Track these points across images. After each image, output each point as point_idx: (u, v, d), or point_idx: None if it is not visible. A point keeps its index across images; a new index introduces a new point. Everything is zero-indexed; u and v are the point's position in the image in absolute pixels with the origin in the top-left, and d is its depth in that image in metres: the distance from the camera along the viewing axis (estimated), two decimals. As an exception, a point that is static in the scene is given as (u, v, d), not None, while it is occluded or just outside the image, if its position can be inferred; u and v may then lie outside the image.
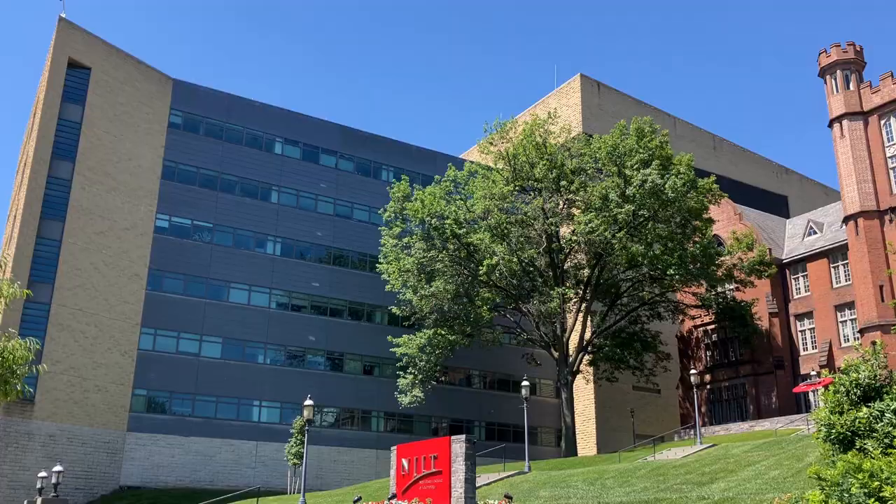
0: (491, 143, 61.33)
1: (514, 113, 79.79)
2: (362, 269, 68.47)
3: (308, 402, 35.54)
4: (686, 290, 60.96)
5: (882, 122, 56.69)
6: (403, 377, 59.49)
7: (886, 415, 14.03)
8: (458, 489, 27.20)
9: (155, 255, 60.31)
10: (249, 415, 61.04)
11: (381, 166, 72.76)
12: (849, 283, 58.08)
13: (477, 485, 30.57)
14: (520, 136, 59.83)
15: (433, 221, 58.77)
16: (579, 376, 63.20)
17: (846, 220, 56.70)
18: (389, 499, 29.61)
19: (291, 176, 67.90)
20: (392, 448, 32.06)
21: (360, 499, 32.88)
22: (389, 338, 61.11)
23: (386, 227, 61.80)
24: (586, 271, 59.62)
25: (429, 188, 60.23)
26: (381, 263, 61.29)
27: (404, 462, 30.17)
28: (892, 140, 56.09)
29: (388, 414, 65.82)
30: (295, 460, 51.41)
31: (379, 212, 63.97)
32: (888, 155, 55.99)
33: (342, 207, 69.84)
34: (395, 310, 62.67)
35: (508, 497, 28.15)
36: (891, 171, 55.67)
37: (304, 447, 38.93)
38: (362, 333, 66.85)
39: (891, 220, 54.67)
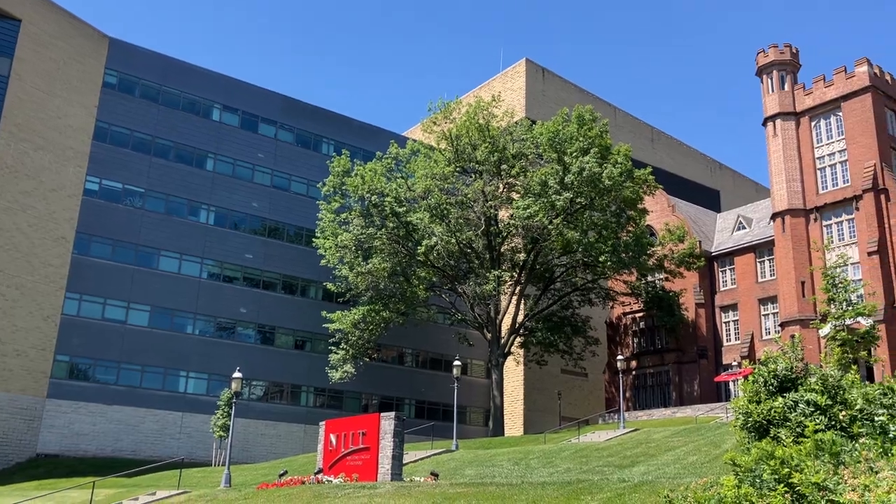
0: (434, 123, 61.21)
1: (459, 94, 79.51)
2: (298, 242, 67.71)
3: (237, 374, 35.12)
4: (617, 277, 62.21)
5: (813, 123, 58.54)
6: (335, 353, 59.26)
7: (800, 405, 14.62)
8: (384, 465, 27.36)
9: (83, 218, 58.45)
10: (176, 385, 60.01)
11: (322, 139, 71.88)
12: (773, 278, 60.07)
13: (404, 462, 30.76)
14: (463, 118, 59.85)
15: (373, 198, 58.46)
16: (510, 358, 64.02)
17: (774, 216, 58.52)
18: (316, 473, 29.60)
19: (229, 144, 66.53)
20: (321, 423, 32.00)
21: (285, 472, 32.77)
22: (323, 313, 60.72)
23: (324, 202, 61.18)
24: (522, 255, 60.25)
25: (370, 164, 59.81)
26: (317, 238, 60.71)
27: (332, 437, 30.18)
28: (822, 141, 58.00)
29: (318, 389, 65.55)
30: (221, 433, 50.83)
31: (318, 185, 63.26)
32: (817, 156, 57.91)
33: (280, 179, 68.82)
34: (329, 285, 62.25)
35: (434, 474, 28.42)
36: (818, 172, 57.60)
37: (230, 420, 38.51)
38: (295, 308, 66.25)
39: (816, 219, 56.65)
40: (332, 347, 59.97)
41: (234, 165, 66.60)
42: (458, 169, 60.10)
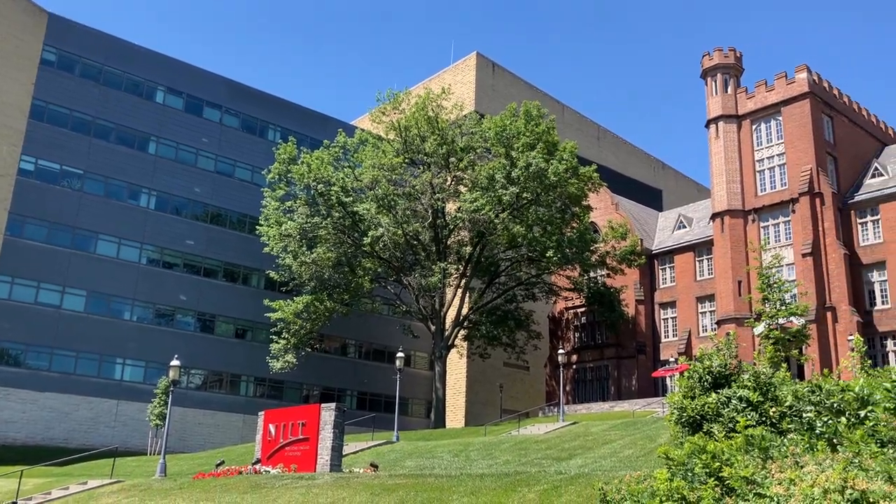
0: (383, 113, 60.89)
1: (409, 85, 79.50)
2: (241, 230, 66.72)
3: (175, 362, 34.46)
4: (561, 273, 62.92)
5: (754, 126, 60.00)
6: (276, 342, 58.61)
7: (732, 401, 15.00)
8: (324, 456, 27.21)
9: (17, 198, 56.58)
10: (112, 372, 58.65)
11: (269, 125, 70.90)
12: (711, 276, 61.47)
13: (344, 453, 30.65)
14: (412, 109, 59.68)
15: (319, 187, 57.87)
16: (453, 350, 64.27)
17: (714, 217, 59.84)
18: (254, 464, 29.29)
19: (172, 127, 65.12)
20: (260, 413, 31.67)
21: (222, 462, 32.35)
22: (266, 302, 59.97)
23: (269, 189, 60.34)
24: (468, 248, 60.45)
25: (317, 152, 59.19)
26: (261, 226, 59.84)
27: (271, 427, 29.90)
28: (762, 145, 59.50)
29: (258, 379, 64.81)
30: (157, 421, 49.93)
31: (263, 172, 62.36)
32: (756, 158, 59.39)
33: (224, 164, 67.67)
34: (272, 274, 61.49)
35: (374, 466, 28.38)
36: (757, 174, 59.09)
37: (167, 408, 37.81)
38: (237, 296, 65.33)
39: (754, 221, 58.13)
40: (274, 337, 59.32)
41: (178, 149, 65.26)
42: (406, 160, 59.92)
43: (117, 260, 60.40)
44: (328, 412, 27.81)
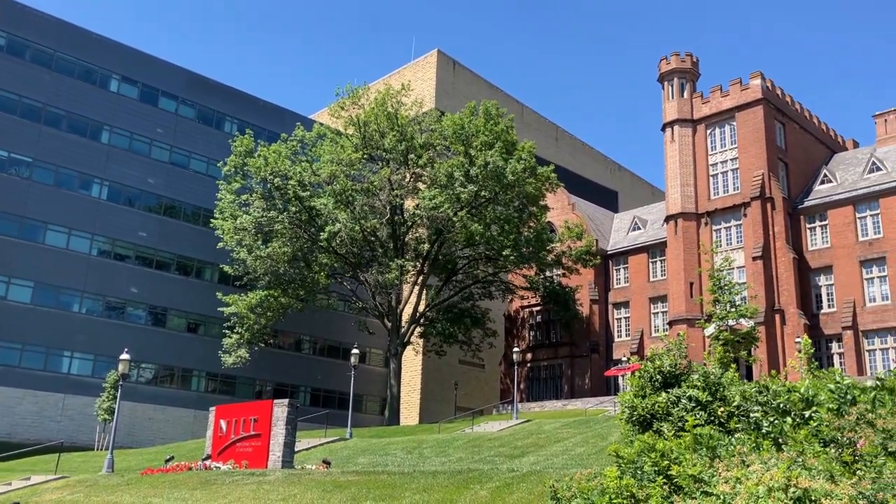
0: (342, 108, 60.51)
1: (369, 80, 78.97)
2: (195, 222, 65.74)
3: (125, 356, 33.82)
4: (517, 271, 63.26)
5: (708, 131, 61.01)
6: (229, 337, 57.86)
7: (682, 400, 15.21)
8: (276, 452, 26.99)
9: (-38, 185, 55.01)
10: (59, 365, 57.35)
11: (225, 117, 69.96)
12: (664, 278, 62.37)
13: (297, 449, 30.44)
14: (372, 105, 59.43)
15: (276, 181, 57.27)
16: (409, 347, 64.20)
17: (668, 219, 60.71)
18: (204, 459, 28.94)
19: (126, 117, 63.86)
20: (211, 408, 31.31)
21: (172, 458, 31.91)
22: (219, 295, 59.17)
23: (224, 182, 59.53)
24: (426, 246, 60.42)
25: (274, 146, 58.57)
26: (216, 219, 58.99)
27: (223, 423, 29.58)
28: (716, 149, 60.53)
29: (210, 374, 63.97)
30: (106, 416, 48.98)
31: (218, 164, 61.47)
32: (710, 163, 60.40)
33: (179, 156, 66.59)
34: (226, 268, 60.65)
35: (327, 462, 28.22)
36: (711, 178, 60.10)
37: (116, 402, 37.12)
38: (190, 289, 64.37)
39: (706, 223, 59.13)
40: (227, 331, 58.56)
41: (132, 139, 64.03)
42: (364, 156, 59.66)
43: (67, 251, 59.06)
44: (281, 408, 27.59)
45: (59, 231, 58.93)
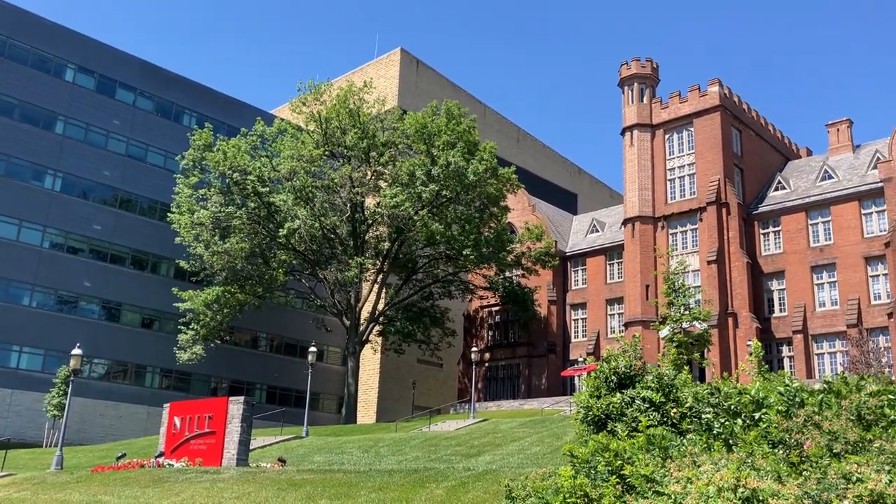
0: (304, 104, 60.11)
1: (331, 76, 78.59)
2: (151, 216, 64.70)
3: (76, 350, 33.19)
4: (477, 271, 63.49)
5: (666, 136, 61.90)
6: (185, 333, 57.08)
7: (636, 401, 15.43)
8: (230, 450, 26.73)
9: None
10: (7, 360, 55.95)
11: (184, 110, 68.94)
12: (621, 280, 63.12)
13: (252, 447, 30.19)
14: (334, 101, 59.13)
15: (234, 175, 56.64)
16: (367, 346, 64.01)
17: (625, 222, 61.47)
18: (157, 457, 28.53)
19: (82, 107, 62.55)
20: (165, 405, 30.88)
21: (123, 455, 31.43)
22: (175, 291, 58.32)
23: (182, 176, 58.70)
24: (386, 244, 60.30)
25: (233, 140, 57.91)
26: (173, 213, 58.13)
27: (177, 420, 29.20)
28: (673, 154, 61.45)
29: (164, 370, 63.01)
30: (55, 412, 48.01)
31: (176, 158, 60.59)
32: (668, 167, 61.31)
33: (136, 148, 65.45)
34: (183, 263, 59.81)
35: (282, 461, 28.04)
36: (668, 183, 61.00)
37: (66, 398, 36.39)
38: (145, 284, 63.32)
39: (663, 227, 60.00)
40: (182, 327, 57.76)
41: (87, 130, 62.75)
42: (326, 152, 59.32)
43: (17, 243, 57.69)
44: (236, 405, 27.33)
45: (9, 222, 57.55)
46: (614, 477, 10.90)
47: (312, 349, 47.14)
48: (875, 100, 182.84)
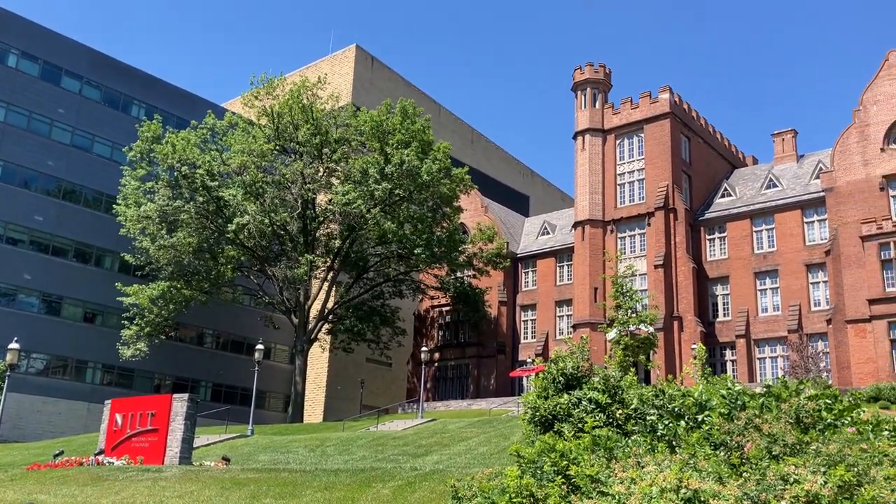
0: (256, 98, 59.39)
1: (285, 71, 77.71)
2: (96, 208, 63.17)
3: (14, 345, 32.23)
4: (429, 271, 63.51)
5: (618, 141, 62.73)
6: (128, 328, 55.86)
7: (583, 402, 15.59)
8: (173, 448, 26.26)
9: None
10: (-61, 354, 54.03)
11: (133, 101, 67.47)
12: (570, 282, 63.77)
13: (195, 446, 29.72)
14: (287, 96, 58.53)
15: (183, 169, 55.62)
16: (315, 344, 63.50)
17: (576, 225, 62.12)
18: (96, 454, 27.89)
19: (25, 94, 60.74)
20: (106, 402, 30.20)
21: (61, 453, 30.62)
22: (119, 285, 57.03)
23: (129, 168, 57.43)
24: (337, 242, 59.90)
25: (183, 133, 56.88)
26: (119, 205, 56.83)
27: (118, 417, 28.57)
28: (624, 159, 62.32)
29: (106, 366, 61.58)
30: (-10, 408, 46.44)
31: (124, 149, 59.25)
32: (618, 172, 62.15)
33: (81, 138, 63.84)
34: (128, 257, 58.54)
35: (226, 459, 27.65)
36: (618, 187, 61.84)
37: (2, 394, 35.30)
38: (88, 277, 61.79)
39: (612, 231, 60.79)
40: (126, 323, 56.52)
41: (30, 118, 60.99)
42: (277, 147, 58.68)
43: (-47, 232, 55.78)
44: (180, 403, 26.87)
45: (-55, 211, 55.61)
46: (560, 477, 10.98)
47: (259, 347, 46.60)
48: (819, 112, 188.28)
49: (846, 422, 12.62)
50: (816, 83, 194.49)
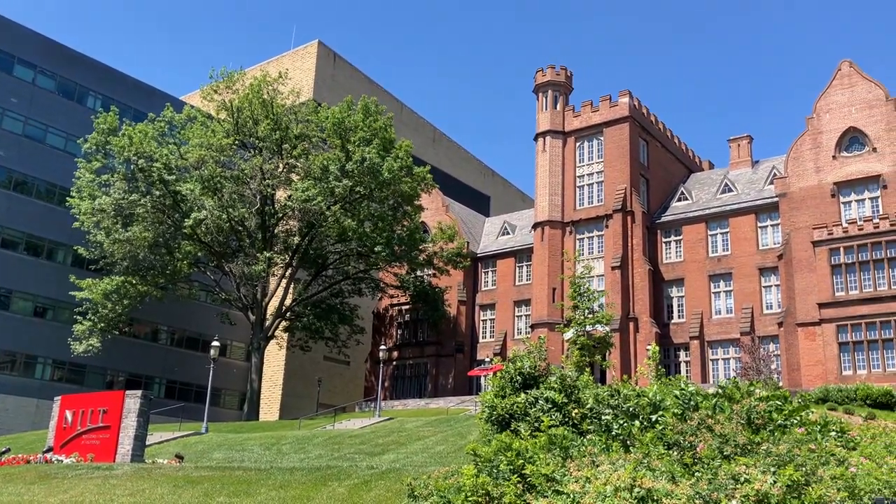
0: (215, 92, 58.60)
1: (245, 65, 76.86)
2: (49, 200, 61.78)
3: (-41, 339, 31.38)
4: (388, 269, 63.34)
5: (577, 144, 63.28)
6: (81, 323, 54.72)
7: (539, 401, 15.71)
8: (125, 445, 25.85)
9: None
10: None
11: (89, 92, 66.11)
12: (529, 282, 64.15)
13: (148, 443, 29.27)
14: (247, 90, 57.90)
15: (140, 162, 54.65)
16: (273, 342, 62.93)
17: (535, 226, 62.51)
18: (45, 452, 27.32)
19: (-25, 82, 59.16)
20: (56, 398, 29.60)
21: (8, 450, 29.95)
22: (72, 279, 55.84)
23: (84, 160, 56.25)
24: (296, 239, 59.41)
25: (140, 125, 55.89)
26: (72, 198, 55.65)
27: (68, 414, 28.02)
28: (584, 161, 62.88)
29: (57, 362, 60.28)
30: (-67, 404, 45.21)
31: (78, 141, 58.02)
32: (578, 174, 62.69)
33: (34, 129, 62.34)
34: (81, 251, 57.32)
35: (179, 457, 27.28)
36: (578, 189, 62.38)
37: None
38: (39, 271, 60.37)
39: (571, 232, 61.31)
40: (79, 318, 55.35)
41: (-20, 107, 59.38)
42: (236, 142, 58.01)
43: None
44: (133, 399, 26.44)
45: None
46: (516, 476, 11.05)
47: (215, 343, 46.06)
48: (774, 119, 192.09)
49: (795, 422, 12.92)
50: (772, 90, 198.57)
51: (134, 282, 55.60)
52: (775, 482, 9.50)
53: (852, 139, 52.49)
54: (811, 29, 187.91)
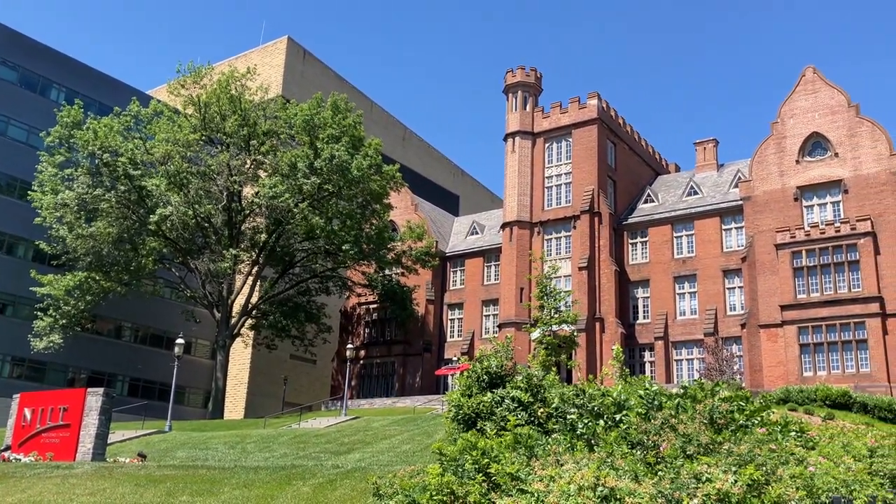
0: (182, 86, 57.92)
1: (213, 60, 75.93)
2: (10, 194, 60.59)
3: (-85, 335, 30.67)
4: (356, 268, 63.11)
5: (546, 145, 63.62)
6: (42, 319, 53.73)
7: (506, 401, 15.78)
8: (86, 444, 25.45)
9: None
10: None
11: (53, 84, 64.93)
12: (497, 282, 64.35)
13: (110, 441, 28.85)
14: (214, 85, 57.31)
15: (105, 156, 53.83)
16: (238, 340, 62.38)
17: (504, 226, 62.74)
18: (2, 451, 26.81)
19: (-66, 72, 57.81)
20: (15, 396, 29.06)
21: (-35, 449, 29.24)
22: (33, 274, 54.81)
23: (47, 153, 55.26)
24: (263, 236, 58.94)
25: (105, 119, 55.06)
26: (34, 192, 54.63)
27: (27, 412, 27.54)
28: (552, 162, 63.24)
29: (16, 359, 59.13)
30: None
31: (41, 134, 56.97)
32: (546, 175, 63.03)
33: (-5, 121, 61.09)
34: (43, 245, 56.31)
35: (142, 456, 26.93)
36: (546, 190, 62.72)
37: None
38: (-1, 266, 59.19)
39: (539, 233, 61.62)
40: (39, 314, 54.35)
41: (-61, 97, 58.05)
42: (203, 138, 57.39)
43: None
44: (94, 397, 26.04)
45: None
46: (481, 475, 11.08)
47: (180, 341, 45.55)
48: (740, 123, 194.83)
49: (757, 423, 13.11)
50: (738, 95, 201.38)
51: (97, 278, 54.77)
52: (736, 481, 9.64)
53: (815, 144, 53.41)
54: (778, 35, 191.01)
